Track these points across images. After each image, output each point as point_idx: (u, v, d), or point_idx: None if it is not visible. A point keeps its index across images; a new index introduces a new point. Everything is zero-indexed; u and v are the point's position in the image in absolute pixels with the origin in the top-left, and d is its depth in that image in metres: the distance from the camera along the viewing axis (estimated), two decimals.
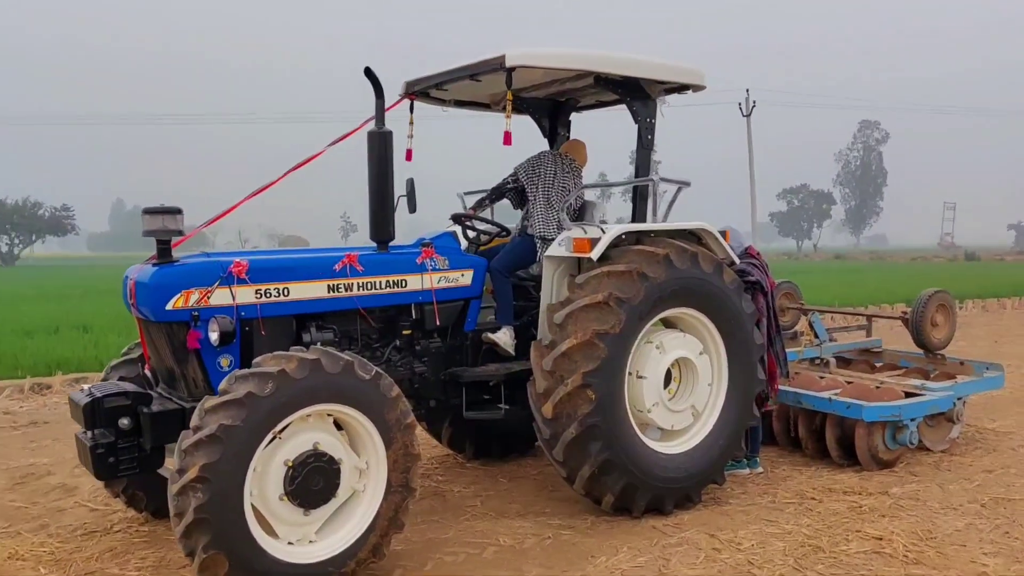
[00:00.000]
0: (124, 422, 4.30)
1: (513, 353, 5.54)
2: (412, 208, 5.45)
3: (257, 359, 4.05)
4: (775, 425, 6.88)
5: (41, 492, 5.95)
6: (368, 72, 4.90)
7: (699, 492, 5.52)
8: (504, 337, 5.48)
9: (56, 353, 11.20)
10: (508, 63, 4.97)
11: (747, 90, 46.70)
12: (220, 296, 4.43)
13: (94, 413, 4.26)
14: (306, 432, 4.10)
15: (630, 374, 5.23)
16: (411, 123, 6.04)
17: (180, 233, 4.45)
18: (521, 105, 6.46)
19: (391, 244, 5.21)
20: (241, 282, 4.49)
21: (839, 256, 73.09)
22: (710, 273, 5.42)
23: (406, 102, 5.97)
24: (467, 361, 5.53)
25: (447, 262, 5.29)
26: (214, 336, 4.32)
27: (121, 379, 4.99)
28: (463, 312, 5.44)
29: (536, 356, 5.13)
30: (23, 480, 6.23)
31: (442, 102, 6.31)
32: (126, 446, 4.31)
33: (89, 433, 4.31)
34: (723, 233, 5.76)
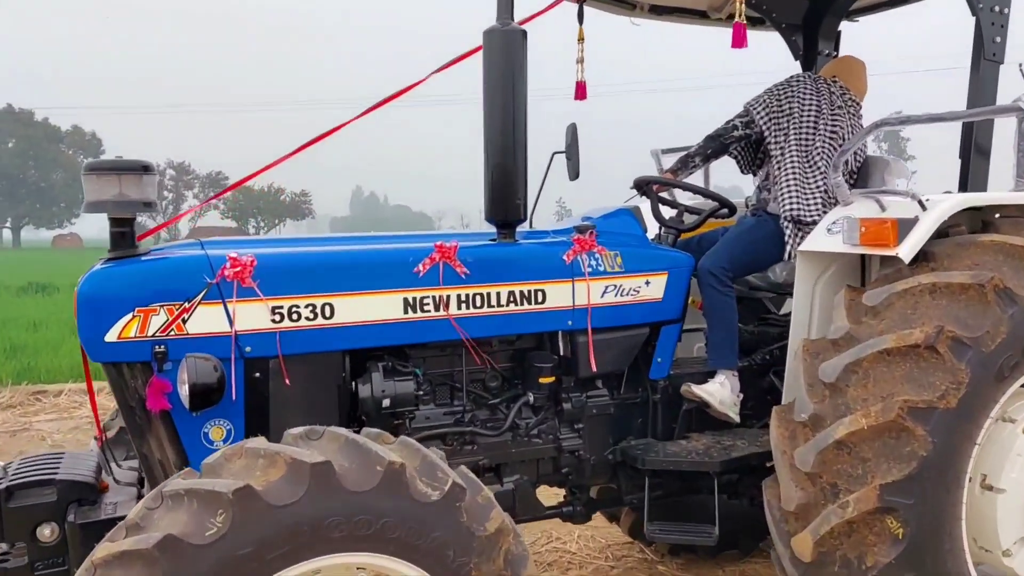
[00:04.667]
0: (45, 532, 2.50)
1: (736, 419, 3.21)
2: (574, 172, 3.25)
3: (211, 458, 2.06)
4: None
5: None
6: None
7: None
8: (721, 391, 3.16)
9: None
10: None
11: None
12: (205, 318, 2.51)
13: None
14: None
15: (970, 480, 2.72)
16: (580, 40, 3.82)
17: (149, 206, 2.56)
18: (759, 7, 4.05)
19: (523, 230, 3.08)
20: (246, 293, 2.54)
21: None
22: None
23: (569, 5, 3.79)
24: (654, 430, 3.26)
25: (619, 260, 3.04)
26: (183, 392, 2.41)
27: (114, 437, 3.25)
28: (648, 346, 3.18)
29: (781, 436, 2.77)
30: None
31: (629, 8, 4.05)
32: (47, 571, 2.51)
33: None
34: None
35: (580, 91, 3.84)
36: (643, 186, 3.46)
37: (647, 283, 3.07)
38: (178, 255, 2.60)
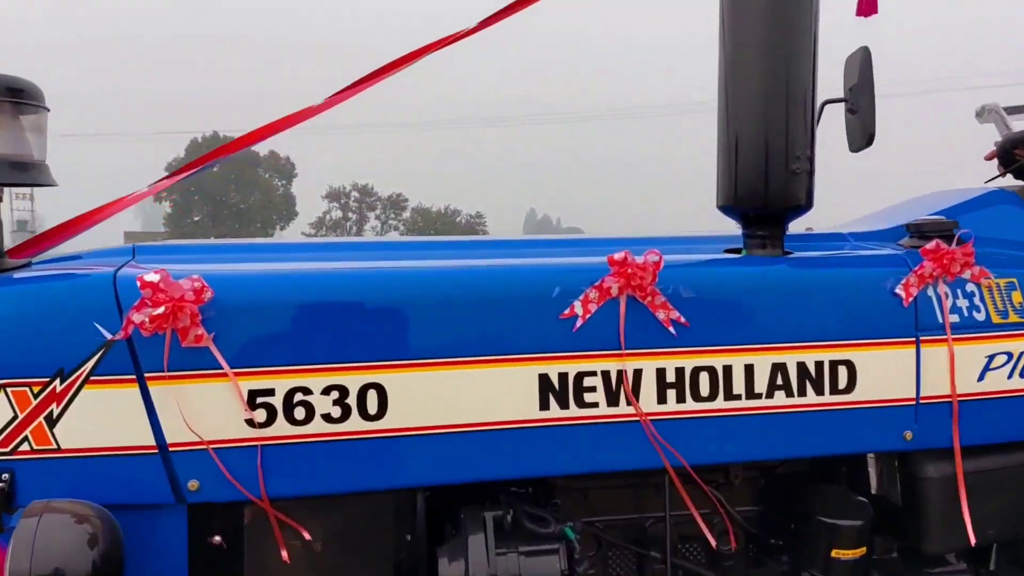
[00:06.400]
0: None
1: None
2: (863, 136, 1.62)
3: None
4: None
5: None
6: None
7: None
8: None
9: None
10: None
11: None
12: (98, 414, 1.13)
13: None
14: None
15: None
16: None
17: (25, 170, 1.23)
18: None
19: (793, 233, 1.51)
20: (187, 359, 1.14)
21: None
22: None
23: None
24: None
25: (1017, 296, 1.39)
26: None
27: None
28: None
29: None
30: None
31: None
32: None
33: None
34: None
35: (866, 1, 2.20)
36: (1019, 149, 1.77)
37: None
38: (61, 273, 1.25)
